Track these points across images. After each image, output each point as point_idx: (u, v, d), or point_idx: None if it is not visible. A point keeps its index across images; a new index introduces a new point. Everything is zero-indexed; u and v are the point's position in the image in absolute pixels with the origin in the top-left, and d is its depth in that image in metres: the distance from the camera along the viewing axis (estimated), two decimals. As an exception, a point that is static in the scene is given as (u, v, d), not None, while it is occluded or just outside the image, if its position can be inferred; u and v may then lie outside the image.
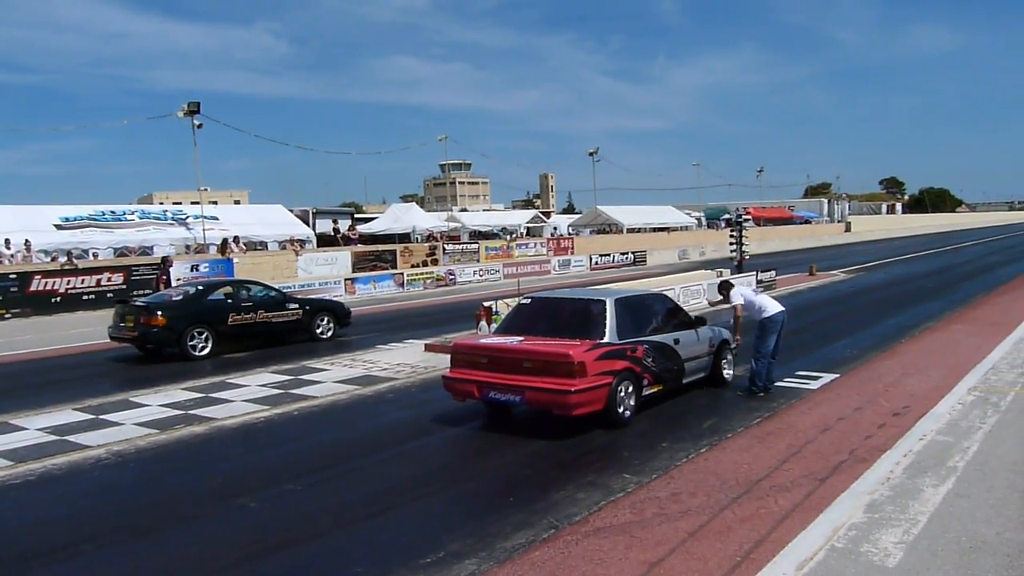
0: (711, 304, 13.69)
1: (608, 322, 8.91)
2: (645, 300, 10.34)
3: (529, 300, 10.13)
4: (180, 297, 15.49)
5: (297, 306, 16.36)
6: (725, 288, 10.84)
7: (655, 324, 9.71)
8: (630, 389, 8.83)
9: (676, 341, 9.74)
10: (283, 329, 16.06)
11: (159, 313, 14.40)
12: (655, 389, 9.36)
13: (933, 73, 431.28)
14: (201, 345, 14.57)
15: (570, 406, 8.17)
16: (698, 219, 68.81)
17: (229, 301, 15.45)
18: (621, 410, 8.68)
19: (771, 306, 10.39)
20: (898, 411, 8.97)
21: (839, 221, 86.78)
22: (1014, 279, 26.37)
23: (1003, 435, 7.82)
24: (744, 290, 10.85)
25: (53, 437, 8.94)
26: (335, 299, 21.53)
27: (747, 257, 26.50)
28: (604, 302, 9.23)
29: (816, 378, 10.96)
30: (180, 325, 14.41)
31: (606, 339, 8.76)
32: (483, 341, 9.81)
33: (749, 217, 51.27)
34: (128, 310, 14.98)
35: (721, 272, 24.05)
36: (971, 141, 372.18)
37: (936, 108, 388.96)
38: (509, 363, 8.60)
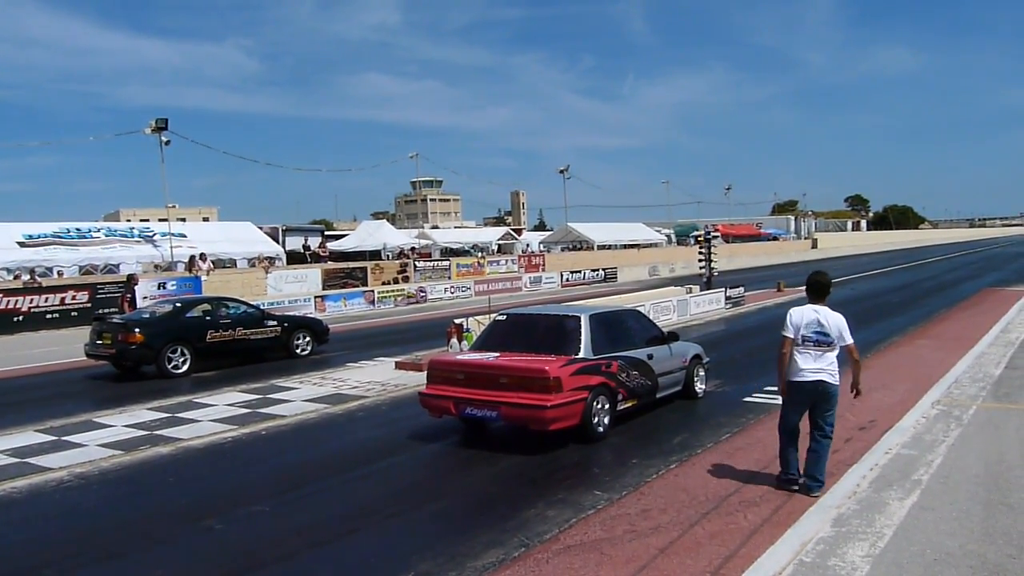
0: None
1: (583, 338, 9.00)
2: (619, 316, 10.45)
3: (504, 317, 10.19)
4: (158, 314, 15.29)
5: (275, 323, 16.26)
6: (818, 292, 6.87)
7: (629, 340, 9.80)
8: (605, 404, 8.91)
9: (650, 356, 9.84)
10: (261, 346, 15.93)
11: (137, 330, 14.23)
12: (630, 404, 9.44)
13: (896, 93, 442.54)
14: (178, 363, 14.41)
15: (546, 421, 8.22)
16: (668, 236, 69.52)
17: (207, 318, 15.29)
18: (596, 425, 8.75)
19: (808, 368, 6.73)
20: (864, 425, 9.09)
21: (806, 238, 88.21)
22: (976, 295, 26.93)
23: (966, 448, 7.96)
24: (834, 323, 6.75)
25: (14, 459, 8.73)
26: (313, 316, 21.41)
27: (716, 273, 26.71)
28: (579, 318, 9.31)
29: (784, 393, 11.04)
30: (158, 342, 14.26)
31: (581, 355, 8.83)
32: (459, 357, 9.83)
33: (718, 234, 51.71)
34: (105, 327, 14.76)
35: (691, 288, 24.28)
36: (933, 160, 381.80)
37: (899, 127, 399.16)
38: (485, 379, 8.64)
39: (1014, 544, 5.50)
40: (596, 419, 8.74)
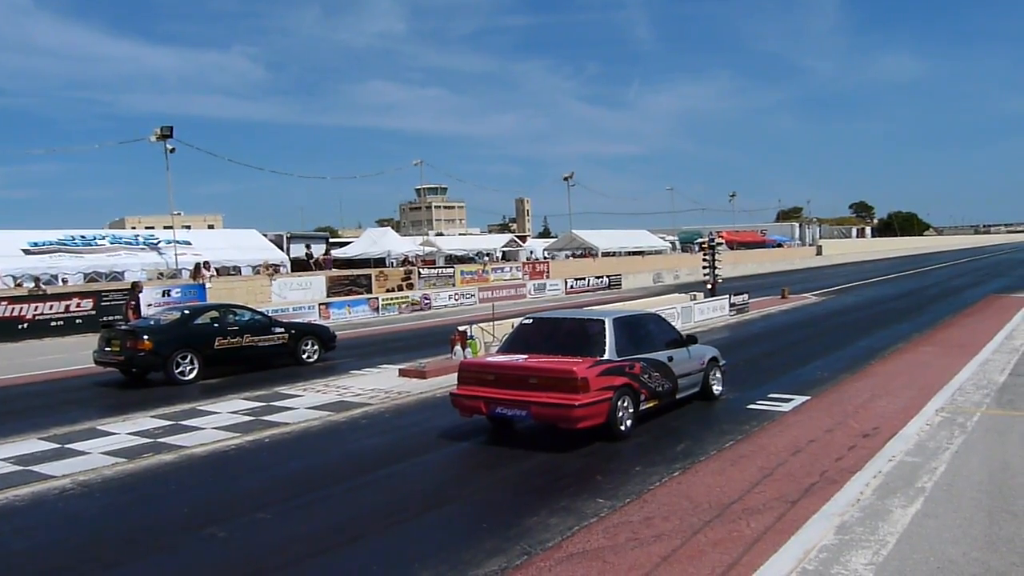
0: None
1: (608, 340, 9.29)
2: (641, 319, 10.71)
3: (531, 320, 10.48)
4: (166, 321, 15.34)
5: (283, 330, 16.32)
6: None
7: (650, 342, 10.09)
8: (629, 404, 9.19)
9: (670, 358, 10.13)
10: (269, 353, 15.96)
11: (145, 337, 14.28)
12: (651, 404, 9.74)
13: (900, 100, 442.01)
14: (187, 369, 14.44)
15: (574, 420, 8.52)
16: (672, 243, 69.44)
17: (215, 325, 15.34)
18: (620, 424, 9.02)
19: None
20: (868, 432, 9.07)
21: (810, 245, 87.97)
22: (980, 301, 26.85)
23: (969, 455, 7.93)
24: None
25: (16, 467, 8.75)
26: (320, 323, 21.46)
27: (720, 281, 26.72)
28: (603, 321, 9.60)
29: (788, 400, 11.04)
30: (166, 349, 14.31)
31: (606, 356, 9.12)
32: (490, 359, 10.08)
33: (722, 241, 51.78)
34: (114, 334, 14.83)
35: (696, 295, 24.25)
36: (938, 166, 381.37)
37: (903, 134, 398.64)
38: (515, 380, 8.93)
39: (1018, 552, 5.47)
40: (620, 418, 9.01)
